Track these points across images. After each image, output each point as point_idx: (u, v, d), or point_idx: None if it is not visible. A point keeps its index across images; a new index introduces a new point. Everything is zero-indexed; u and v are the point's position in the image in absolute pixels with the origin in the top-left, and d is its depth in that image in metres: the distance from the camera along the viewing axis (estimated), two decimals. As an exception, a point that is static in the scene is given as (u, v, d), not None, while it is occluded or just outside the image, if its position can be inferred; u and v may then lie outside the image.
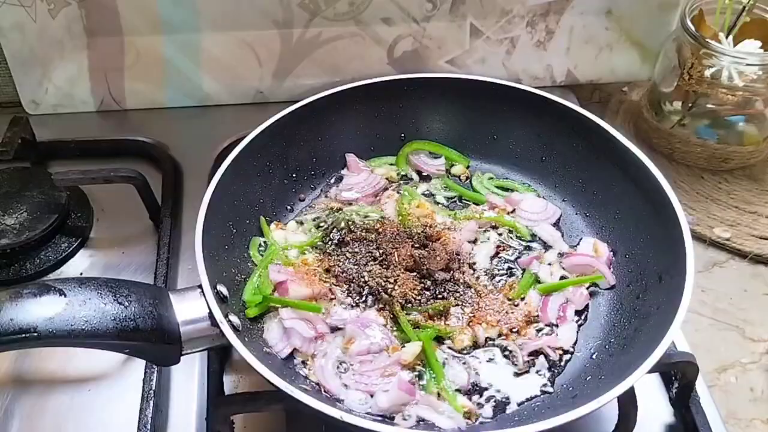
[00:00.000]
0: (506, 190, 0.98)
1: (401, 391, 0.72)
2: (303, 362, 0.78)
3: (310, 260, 0.87)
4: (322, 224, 0.92)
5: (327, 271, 0.86)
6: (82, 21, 1.12)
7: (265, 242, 0.89)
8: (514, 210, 0.95)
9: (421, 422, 0.72)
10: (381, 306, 0.81)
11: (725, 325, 0.95)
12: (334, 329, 0.80)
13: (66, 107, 1.17)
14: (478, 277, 0.87)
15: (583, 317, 0.84)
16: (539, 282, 0.86)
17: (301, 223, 0.93)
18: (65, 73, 1.15)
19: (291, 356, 0.78)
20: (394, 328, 0.80)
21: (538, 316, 0.83)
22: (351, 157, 0.99)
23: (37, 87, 1.15)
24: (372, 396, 0.74)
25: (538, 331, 0.82)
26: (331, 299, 0.83)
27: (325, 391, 0.75)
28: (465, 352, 0.80)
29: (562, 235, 0.92)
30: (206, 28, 1.13)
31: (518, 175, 0.99)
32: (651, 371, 0.66)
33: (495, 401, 0.76)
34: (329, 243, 0.89)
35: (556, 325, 0.82)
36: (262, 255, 0.87)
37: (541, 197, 0.97)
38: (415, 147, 1.01)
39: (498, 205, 0.95)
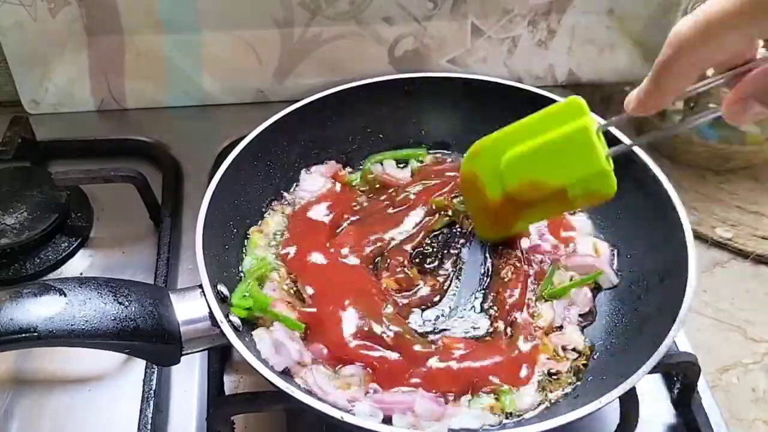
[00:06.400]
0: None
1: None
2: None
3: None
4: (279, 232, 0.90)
5: None
6: (83, 20, 1.12)
7: (264, 242, 0.89)
8: None
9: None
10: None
11: (727, 326, 0.94)
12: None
13: (66, 107, 1.17)
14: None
15: (585, 318, 0.83)
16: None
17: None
18: (65, 72, 1.15)
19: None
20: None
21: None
22: (331, 164, 0.97)
23: (37, 86, 1.15)
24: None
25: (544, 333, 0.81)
26: None
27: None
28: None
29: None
30: (207, 27, 1.13)
31: (519, 174, 0.99)
32: (652, 371, 0.66)
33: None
34: None
35: (561, 327, 0.82)
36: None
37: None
38: (378, 159, 0.98)
39: None
